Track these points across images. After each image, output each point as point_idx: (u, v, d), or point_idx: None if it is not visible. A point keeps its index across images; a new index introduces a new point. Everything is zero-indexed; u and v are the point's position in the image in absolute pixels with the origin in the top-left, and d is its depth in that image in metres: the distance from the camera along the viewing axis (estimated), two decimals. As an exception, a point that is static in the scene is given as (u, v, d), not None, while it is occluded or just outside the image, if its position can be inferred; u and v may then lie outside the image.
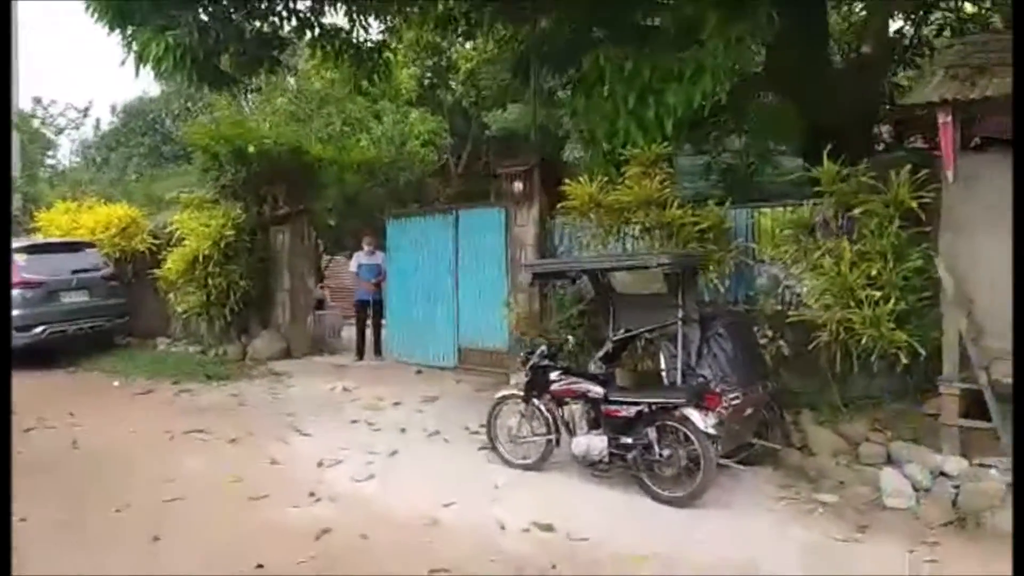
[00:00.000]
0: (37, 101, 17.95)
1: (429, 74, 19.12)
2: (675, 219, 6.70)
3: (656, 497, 5.20)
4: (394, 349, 10.93)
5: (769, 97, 8.34)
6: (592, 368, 6.03)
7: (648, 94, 6.96)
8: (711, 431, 5.03)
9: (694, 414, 5.04)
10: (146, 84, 32.92)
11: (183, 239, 10.93)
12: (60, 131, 18.97)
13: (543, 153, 10.19)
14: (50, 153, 24.71)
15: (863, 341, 5.58)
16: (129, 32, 7.93)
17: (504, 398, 6.18)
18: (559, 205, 7.50)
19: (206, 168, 11.32)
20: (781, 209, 7.09)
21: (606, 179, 7.14)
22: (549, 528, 4.74)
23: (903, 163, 5.99)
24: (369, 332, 11.30)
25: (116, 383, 9.74)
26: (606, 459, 5.37)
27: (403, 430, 7.21)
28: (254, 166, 10.99)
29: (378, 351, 11.27)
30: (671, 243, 6.73)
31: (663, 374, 5.71)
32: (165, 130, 24.81)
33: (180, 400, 8.72)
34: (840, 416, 6.13)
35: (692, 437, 5.05)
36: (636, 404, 5.23)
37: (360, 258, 11.29)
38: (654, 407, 5.17)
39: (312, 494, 5.39)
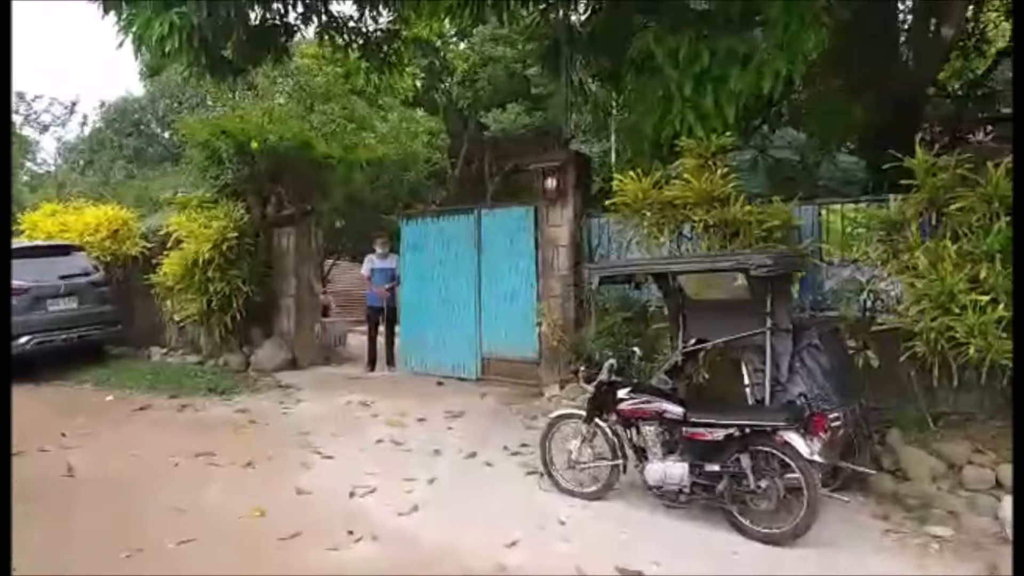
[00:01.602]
0: (20, 97, 17.03)
1: (424, 75, 18.52)
2: (739, 217, 6.05)
3: (748, 534, 4.53)
4: (409, 359, 10.22)
5: (820, 86, 7.71)
6: (654, 382, 5.37)
7: (707, 80, 6.33)
8: (816, 458, 4.38)
9: (796, 439, 4.38)
10: (129, 83, 32.14)
11: (180, 242, 10.16)
12: (45, 128, 18.05)
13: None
14: (29, 156, 23.78)
15: (969, 352, 4.95)
16: (127, 12, 7.18)
17: (560, 418, 5.49)
18: (606, 203, 6.83)
19: (205, 166, 10.54)
20: (852, 206, 6.49)
21: (659, 173, 6.50)
22: None
23: (995, 155, 5.40)
24: (381, 340, 10.57)
25: (110, 397, 8.95)
26: (687, 489, 4.70)
27: (436, 451, 6.50)
28: (257, 163, 10.24)
29: (391, 361, 10.54)
30: (735, 243, 6.10)
31: (747, 391, 5.05)
32: (150, 131, 24.00)
33: (183, 417, 7.95)
34: (931, 435, 5.52)
35: (793, 465, 4.40)
36: (725, 427, 4.55)
37: (373, 261, 10.56)
38: (747, 430, 4.50)
39: (351, 532, 4.67)
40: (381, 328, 10.53)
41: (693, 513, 4.83)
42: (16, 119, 17.19)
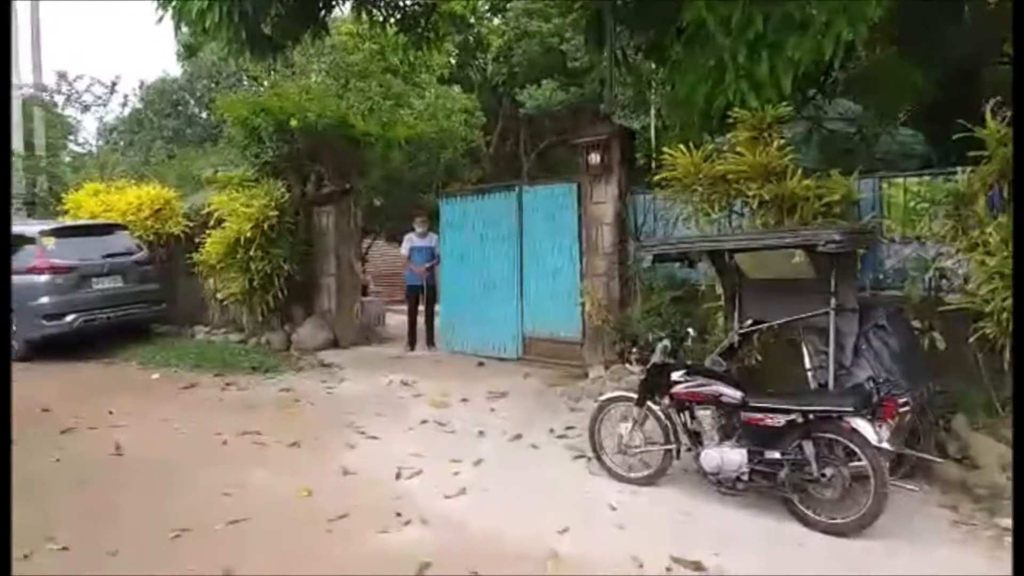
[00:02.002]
0: (62, 76, 17.16)
1: (458, 51, 18.30)
2: (797, 191, 5.78)
3: (810, 523, 4.33)
4: (449, 338, 10.14)
5: (879, 53, 7.34)
6: (708, 364, 5.17)
7: (762, 47, 6.03)
8: (885, 446, 4.16)
9: (864, 425, 4.16)
10: (167, 64, 32.43)
11: (222, 221, 10.17)
12: (86, 108, 18.19)
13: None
14: (71, 137, 24.11)
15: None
16: (168, -13, 7.10)
17: (611, 400, 5.32)
18: (655, 178, 6.59)
19: (245, 144, 10.50)
20: (915, 179, 6.17)
21: (710, 146, 6.25)
22: (698, 567, 3.89)
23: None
24: (420, 320, 10.51)
25: (156, 375, 9.03)
26: (745, 476, 4.52)
27: (481, 432, 6.41)
28: (297, 141, 10.17)
29: (431, 341, 10.48)
30: (791, 219, 5.83)
31: (808, 374, 4.83)
32: (189, 111, 24.13)
33: (227, 395, 7.97)
34: (999, 420, 5.24)
35: (860, 453, 4.19)
36: (787, 412, 4.35)
37: (412, 240, 10.47)
38: (811, 416, 4.30)
39: (399, 514, 4.58)
40: (420, 307, 10.47)
41: (751, 501, 4.65)
42: (58, 99, 17.36)
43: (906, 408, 4.46)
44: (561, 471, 5.44)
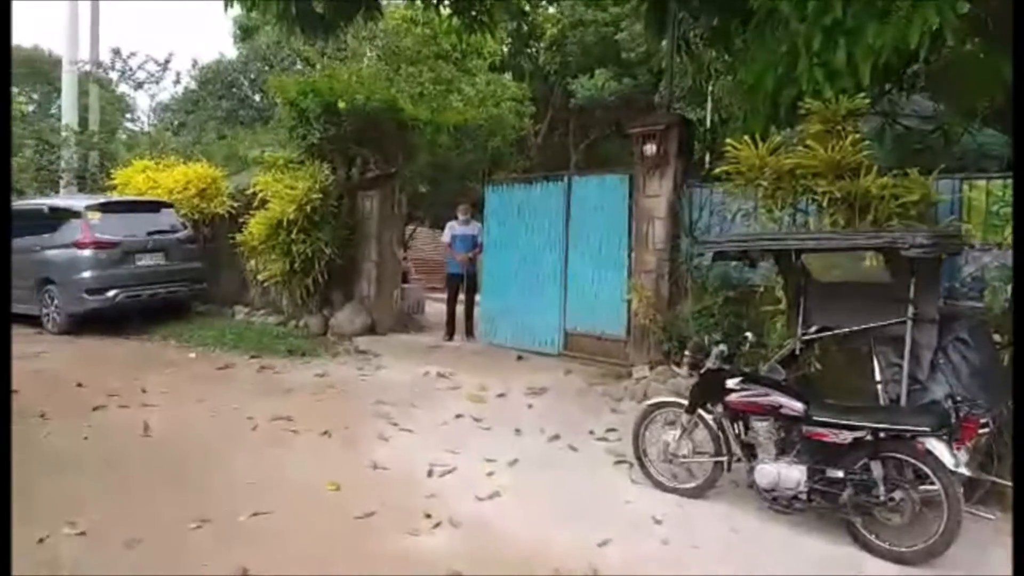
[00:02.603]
0: (116, 53, 17.26)
1: (510, 39, 18.00)
2: (872, 190, 5.35)
3: (874, 550, 3.97)
4: (488, 330, 9.87)
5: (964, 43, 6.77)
6: (765, 372, 4.80)
7: (839, 34, 5.59)
8: (963, 471, 3.76)
9: (939, 447, 3.77)
10: (223, 46, 32.85)
11: (266, 202, 10.06)
12: (140, 85, 18.28)
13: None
14: (127, 115, 24.48)
15: None
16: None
17: (658, 405, 5.00)
18: (716, 171, 6.21)
19: (293, 125, 10.36)
20: (1000, 181, 5.69)
21: (778, 139, 5.84)
22: (751, 592, 3.57)
23: None
24: (460, 309, 10.27)
25: (193, 355, 8.98)
26: (804, 495, 4.16)
27: (518, 431, 6.13)
28: (344, 124, 9.98)
29: (470, 331, 10.23)
30: (864, 219, 5.41)
31: (879, 388, 4.44)
32: (242, 94, 24.31)
33: (262, 378, 7.84)
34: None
35: (933, 477, 3.80)
36: (854, 428, 3.97)
37: (454, 228, 10.23)
38: (881, 434, 3.91)
39: (428, 515, 4.34)
40: (461, 296, 10.23)
41: (808, 522, 4.29)
42: (112, 75, 17.48)
43: (986, 430, 4.05)
44: (601, 476, 5.14)
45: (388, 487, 4.83)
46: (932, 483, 3.82)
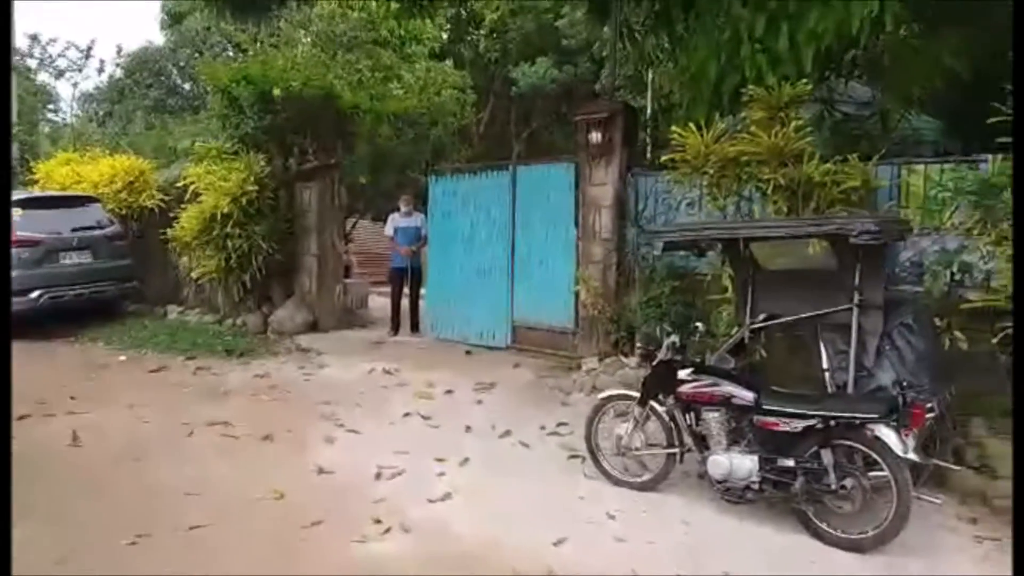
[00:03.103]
0: (34, 39, 16.34)
1: (450, 26, 17.74)
2: (815, 176, 5.38)
3: (823, 537, 3.99)
4: (434, 324, 9.71)
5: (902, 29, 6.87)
6: (713, 361, 4.79)
7: (781, 20, 5.62)
8: (911, 456, 3.80)
9: (889, 434, 3.79)
10: (150, 33, 31.42)
11: (198, 195, 9.63)
12: (60, 73, 17.42)
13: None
14: (49, 106, 23.32)
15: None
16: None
17: (610, 399, 4.93)
18: (663, 158, 6.16)
19: (226, 114, 9.94)
20: (937, 167, 5.79)
21: (721, 126, 5.83)
22: (708, 586, 3.53)
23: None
24: (405, 303, 10.06)
25: (123, 357, 8.55)
26: (755, 485, 4.15)
27: (468, 428, 6.00)
28: (280, 112, 9.62)
29: (415, 326, 10.04)
30: (808, 206, 5.44)
31: (826, 376, 4.46)
32: (171, 82, 23.39)
33: (198, 380, 7.51)
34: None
35: (882, 463, 3.83)
36: (805, 417, 3.97)
37: (396, 220, 10.00)
38: (831, 422, 3.92)
39: (378, 520, 4.18)
40: (405, 290, 10.03)
41: (760, 512, 4.29)
42: (31, 63, 16.55)
43: (932, 414, 4.10)
44: (554, 472, 5.07)
45: (335, 493, 4.65)
46: (882, 470, 3.85)
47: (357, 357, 8.49)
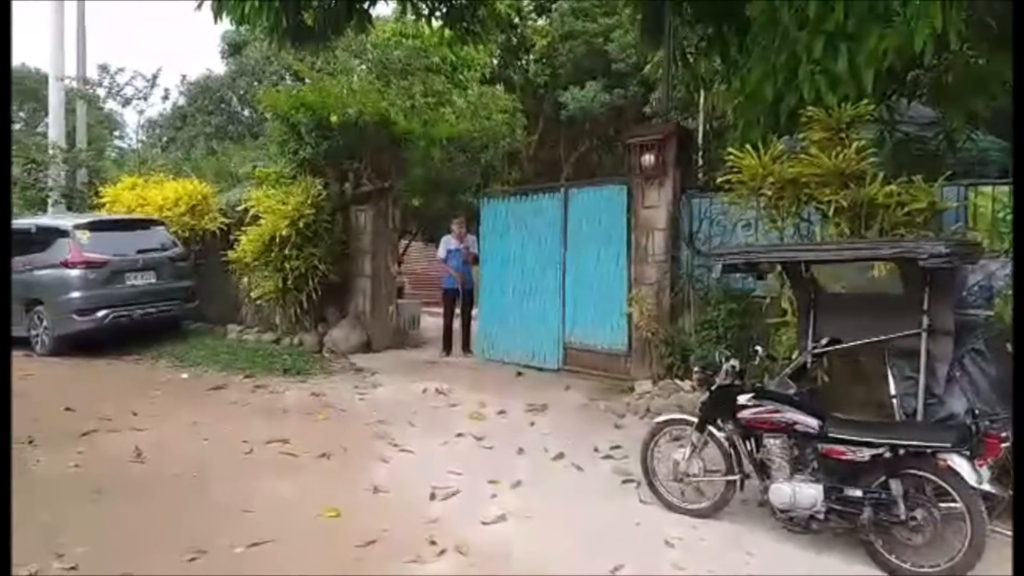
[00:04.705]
0: (103, 69, 17.12)
1: (500, 52, 17.95)
2: (878, 198, 5.25)
3: (893, 570, 3.84)
4: (486, 345, 9.74)
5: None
6: (774, 386, 4.68)
7: (839, 40, 5.53)
8: (986, 487, 3.65)
9: (963, 464, 3.65)
10: (211, 62, 32.66)
11: (258, 218, 9.91)
12: (127, 102, 18.13)
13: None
14: (116, 133, 24.32)
15: None
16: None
17: (666, 423, 4.86)
18: (719, 180, 6.10)
19: (284, 140, 10.23)
20: (1006, 187, 5.60)
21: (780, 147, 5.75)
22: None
23: None
24: (456, 324, 10.13)
25: (185, 375, 8.80)
26: (820, 515, 4.02)
27: (520, 450, 5.98)
28: (336, 138, 9.86)
29: (467, 347, 10.10)
30: (870, 228, 5.31)
31: (894, 403, 4.32)
32: (231, 109, 24.18)
33: (257, 399, 7.66)
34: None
35: (955, 495, 3.67)
36: (873, 445, 3.85)
37: (448, 243, 10.12)
38: (900, 451, 3.79)
39: (433, 541, 4.18)
40: (457, 311, 10.10)
41: (825, 542, 4.15)
42: (99, 92, 17.32)
43: (1007, 444, 3.93)
44: (609, 497, 4.99)
45: (389, 512, 4.67)
46: (954, 501, 3.70)
47: (410, 377, 8.56)
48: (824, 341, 4.62)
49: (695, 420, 4.60)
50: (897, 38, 5.13)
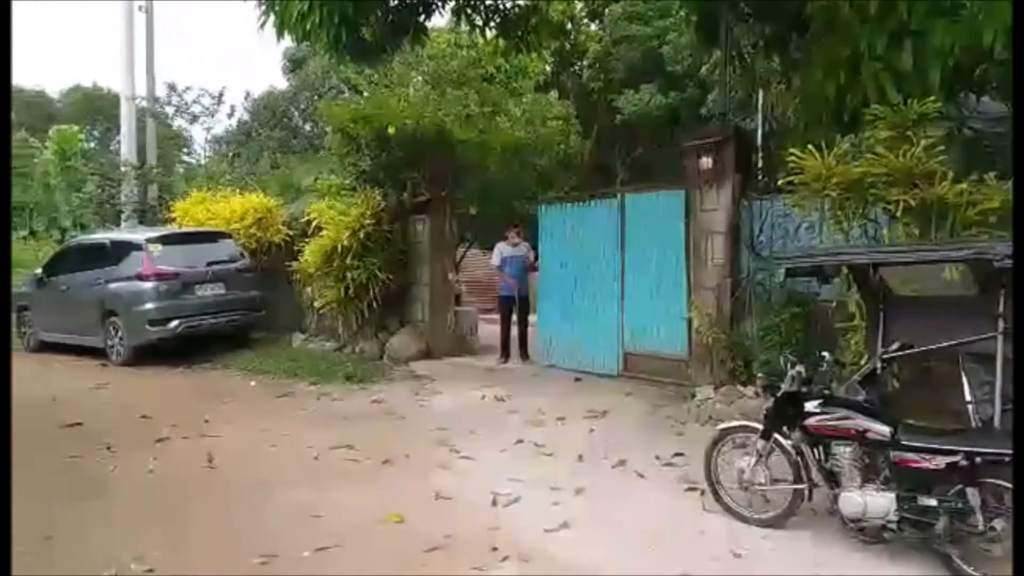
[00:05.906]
0: (171, 88, 17.85)
1: (554, 58, 17.97)
2: (948, 198, 5.08)
3: (973, 583, 3.70)
4: (544, 352, 9.75)
5: None
6: (843, 393, 4.56)
7: (904, 36, 5.38)
8: (1071, 497, 3.47)
9: (1045, 473, 3.49)
10: (274, 78, 33.81)
11: (320, 229, 10.17)
12: (195, 119, 18.82)
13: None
14: (185, 150, 25.25)
15: None
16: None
17: (730, 430, 4.79)
18: (781, 181, 6.00)
19: (344, 152, 10.49)
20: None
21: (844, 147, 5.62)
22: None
23: None
24: (514, 331, 10.18)
25: (253, 383, 9.08)
26: (893, 525, 3.90)
27: (580, 457, 5.96)
28: (394, 149, 10.06)
29: (525, 353, 10.13)
30: (942, 228, 5.13)
31: (969, 408, 4.16)
32: (293, 124, 24.86)
33: (321, 406, 7.86)
34: None
35: (1036, 504, 3.51)
36: (948, 453, 3.72)
37: (503, 250, 10.17)
38: (977, 459, 3.65)
39: (495, 548, 4.21)
40: (514, 318, 10.15)
41: (896, 552, 4.02)
42: (168, 110, 18.07)
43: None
44: (672, 505, 4.94)
45: (452, 518, 4.72)
46: (1033, 511, 3.54)
47: (469, 384, 8.64)
48: (895, 346, 4.49)
49: (760, 427, 4.52)
50: (964, 32, 4.97)
